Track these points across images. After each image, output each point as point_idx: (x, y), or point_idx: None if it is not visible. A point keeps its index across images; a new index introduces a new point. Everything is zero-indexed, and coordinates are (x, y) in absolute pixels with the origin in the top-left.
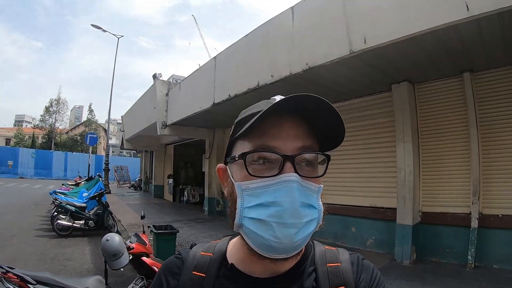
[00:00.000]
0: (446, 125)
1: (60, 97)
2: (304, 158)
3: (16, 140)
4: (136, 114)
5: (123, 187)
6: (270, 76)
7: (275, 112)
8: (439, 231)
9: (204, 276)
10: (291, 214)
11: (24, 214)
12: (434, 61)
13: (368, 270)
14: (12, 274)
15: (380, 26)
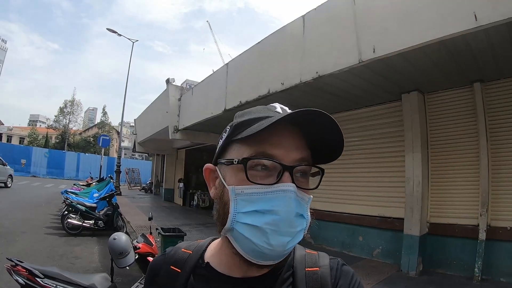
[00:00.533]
0: (455, 136)
1: (75, 99)
2: (301, 169)
3: (30, 139)
4: (148, 117)
5: (134, 189)
6: (281, 84)
7: (279, 121)
8: (446, 243)
9: (179, 271)
10: (287, 224)
11: (36, 211)
12: (444, 71)
13: (347, 276)
14: (21, 267)
15: (389, 36)
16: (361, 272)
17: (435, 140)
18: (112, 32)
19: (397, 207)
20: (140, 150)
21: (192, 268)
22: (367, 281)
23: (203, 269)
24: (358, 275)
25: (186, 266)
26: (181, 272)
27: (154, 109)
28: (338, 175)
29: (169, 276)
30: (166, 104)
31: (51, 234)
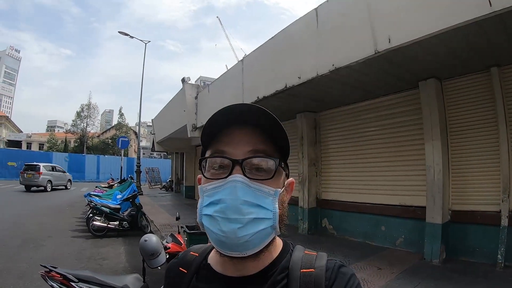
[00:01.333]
0: (474, 121)
1: (91, 102)
2: (255, 163)
3: (49, 144)
4: (166, 117)
5: (154, 188)
6: (298, 78)
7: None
8: (468, 230)
9: (186, 272)
10: (233, 210)
11: (60, 215)
12: (460, 57)
13: (343, 278)
14: (55, 272)
15: (404, 25)
16: (385, 262)
17: (454, 127)
18: (124, 34)
19: (418, 195)
20: (159, 149)
21: (196, 269)
22: (391, 271)
23: (204, 270)
24: (357, 277)
25: (191, 267)
26: (187, 273)
27: (171, 109)
28: (359, 165)
29: (177, 277)
30: (183, 103)
31: (77, 237)
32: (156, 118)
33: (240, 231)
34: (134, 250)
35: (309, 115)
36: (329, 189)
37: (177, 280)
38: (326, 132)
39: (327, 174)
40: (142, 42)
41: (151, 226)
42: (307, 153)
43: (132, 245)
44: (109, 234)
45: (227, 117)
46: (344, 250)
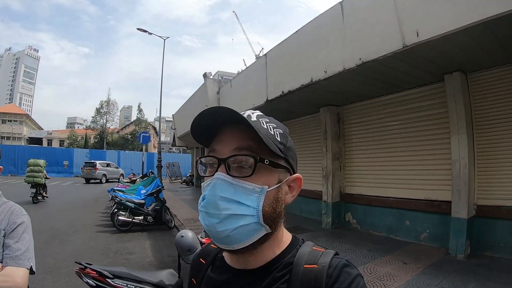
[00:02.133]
0: (501, 115)
1: (110, 99)
2: (237, 160)
3: (70, 141)
4: (187, 112)
5: (175, 182)
6: (324, 72)
7: (217, 124)
8: (494, 225)
9: (204, 263)
10: (211, 206)
11: (84, 210)
12: (487, 50)
13: (347, 278)
14: (90, 269)
15: (432, 19)
16: (409, 257)
17: (480, 120)
18: (142, 31)
19: (443, 190)
20: (180, 144)
21: (212, 260)
22: (416, 265)
23: (218, 261)
24: (363, 279)
25: (209, 258)
26: (205, 263)
27: (192, 104)
28: (383, 159)
29: (198, 267)
30: (205, 97)
31: (102, 232)
32: (177, 113)
33: (219, 226)
34: (159, 245)
35: (333, 109)
36: (353, 183)
37: (198, 269)
38: (350, 126)
39: (350, 168)
40: (161, 38)
41: (175, 220)
42: (330, 147)
43: (157, 239)
44: (133, 229)
45: (215, 118)
46: (368, 245)
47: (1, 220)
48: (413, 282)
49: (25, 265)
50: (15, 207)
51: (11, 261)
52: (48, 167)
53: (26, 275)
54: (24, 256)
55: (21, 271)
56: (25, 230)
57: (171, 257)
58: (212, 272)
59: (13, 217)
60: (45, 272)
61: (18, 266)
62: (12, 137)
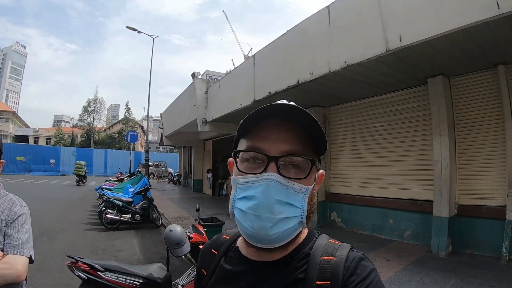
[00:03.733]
0: (481, 118)
1: (97, 97)
2: (291, 160)
3: (56, 139)
4: (175, 111)
5: (162, 182)
6: (310, 74)
7: (268, 117)
8: (474, 224)
9: (216, 253)
10: (266, 209)
11: (71, 209)
12: (468, 55)
13: (363, 271)
14: (82, 262)
15: (415, 25)
16: (393, 254)
17: (462, 123)
18: (132, 29)
19: (425, 189)
20: (167, 144)
21: (225, 251)
22: (399, 262)
23: (232, 252)
24: (377, 273)
25: (221, 249)
26: (217, 254)
27: (180, 103)
28: (368, 159)
29: (209, 257)
30: (193, 97)
31: (90, 229)
32: (165, 112)
33: (271, 229)
34: (147, 242)
35: (319, 110)
36: (338, 182)
37: (209, 260)
38: (336, 127)
39: (336, 168)
40: (150, 37)
41: (162, 219)
42: None
43: (145, 237)
44: (121, 227)
45: (267, 113)
46: (353, 243)
47: (2, 211)
48: (395, 278)
49: (25, 253)
50: (15, 199)
51: (12, 250)
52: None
53: (26, 263)
54: (24, 245)
55: (21, 259)
56: (26, 221)
57: (158, 254)
58: (226, 263)
59: (14, 208)
60: (35, 269)
61: (19, 255)
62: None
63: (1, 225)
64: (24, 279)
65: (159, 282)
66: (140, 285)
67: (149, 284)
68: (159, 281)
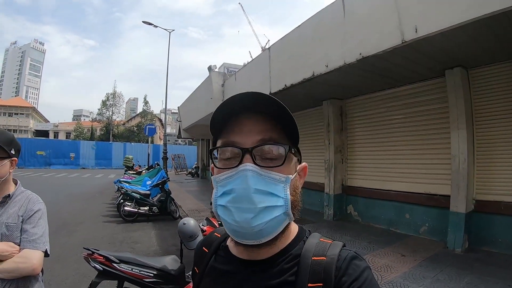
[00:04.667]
0: (501, 111)
1: (116, 91)
2: (264, 150)
3: (76, 133)
4: (192, 105)
5: (180, 174)
6: (325, 66)
7: (236, 112)
8: (492, 220)
9: (207, 251)
10: (245, 200)
11: (91, 201)
12: (486, 47)
13: (355, 270)
14: (98, 254)
15: (431, 16)
16: (408, 249)
17: (480, 116)
18: (148, 24)
19: (442, 184)
20: (185, 136)
21: (215, 249)
22: (414, 258)
23: (222, 251)
24: (371, 271)
25: (212, 247)
26: (208, 252)
27: (197, 96)
28: (384, 152)
29: (201, 256)
30: (209, 90)
31: (109, 222)
32: (182, 105)
33: (254, 220)
34: (164, 234)
35: (335, 102)
36: (355, 175)
37: (201, 258)
38: (352, 119)
39: (352, 161)
40: (166, 31)
41: (180, 211)
42: (333, 140)
43: (162, 229)
44: (139, 219)
45: (235, 106)
46: (369, 237)
47: (19, 208)
48: (409, 274)
49: (41, 248)
50: (32, 195)
51: (29, 244)
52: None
53: (41, 257)
54: (40, 240)
55: (37, 254)
56: (41, 217)
57: (175, 246)
58: (216, 261)
59: (30, 205)
60: (54, 261)
61: (35, 249)
62: (18, 130)
63: (18, 221)
64: (39, 272)
65: (172, 274)
66: (154, 277)
67: (162, 276)
68: (173, 272)
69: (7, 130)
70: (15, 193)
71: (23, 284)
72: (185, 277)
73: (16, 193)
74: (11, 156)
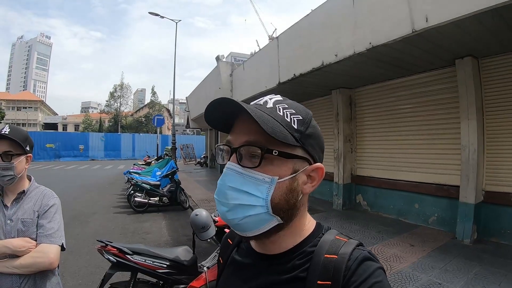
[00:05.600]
0: (511, 102)
1: (123, 82)
2: (248, 150)
3: (85, 125)
4: (201, 94)
5: (189, 164)
6: (334, 56)
7: (236, 113)
8: (501, 211)
9: (231, 243)
10: (221, 195)
11: (101, 193)
12: (497, 36)
13: (366, 271)
14: (111, 246)
15: (442, 5)
16: (417, 239)
17: (491, 106)
18: (154, 15)
19: (452, 174)
20: (193, 126)
21: (238, 242)
22: (423, 248)
23: (243, 244)
24: (384, 272)
25: (235, 240)
26: (231, 244)
27: (205, 86)
28: (394, 142)
29: (225, 247)
30: (218, 80)
31: (120, 213)
32: (190, 95)
33: (228, 214)
34: (174, 225)
35: (345, 92)
36: (364, 165)
37: (225, 250)
38: (362, 109)
39: (362, 151)
40: (173, 21)
41: (189, 201)
42: (342, 129)
43: (172, 219)
44: (149, 210)
45: (226, 109)
46: (378, 226)
47: (34, 203)
48: (418, 264)
49: (57, 242)
50: (46, 191)
51: (45, 239)
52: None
53: (58, 251)
54: (56, 234)
55: (54, 248)
56: (57, 211)
57: (186, 236)
58: (237, 253)
59: (45, 200)
60: (67, 252)
61: (51, 243)
62: (27, 124)
63: (34, 216)
64: (56, 266)
65: (185, 265)
66: (167, 267)
67: (175, 267)
68: (185, 263)
69: (17, 125)
70: (29, 189)
71: (40, 279)
72: (197, 267)
73: (30, 189)
74: (27, 153)
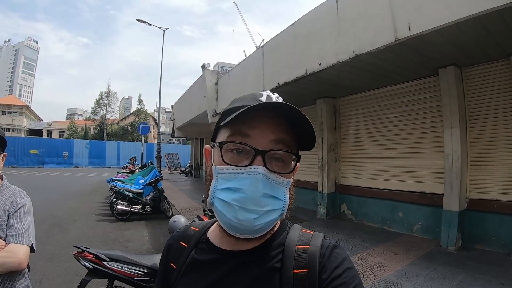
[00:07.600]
0: (494, 110)
1: (110, 90)
2: (280, 156)
3: (70, 132)
4: (186, 103)
5: (174, 173)
6: (318, 64)
7: (257, 108)
8: (485, 218)
9: (186, 246)
10: (252, 202)
11: (84, 200)
12: (480, 45)
13: (337, 258)
14: (88, 252)
15: (424, 13)
16: (401, 247)
17: (474, 114)
18: (142, 22)
19: (436, 182)
20: (179, 135)
21: (196, 242)
22: (407, 256)
23: (203, 243)
24: (351, 261)
25: (191, 241)
26: (187, 247)
27: (191, 95)
28: (378, 151)
29: (178, 250)
30: (203, 89)
31: (101, 220)
32: (176, 104)
33: (256, 220)
34: (157, 233)
35: (329, 101)
36: (348, 174)
37: (178, 253)
38: (346, 118)
39: (346, 160)
40: (160, 29)
41: (173, 210)
42: (326, 138)
43: (155, 228)
44: (132, 218)
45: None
46: (362, 235)
47: (5, 202)
48: (402, 272)
49: (27, 242)
50: (18, 190)
51: (14, 239)
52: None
53: (27, 252)
54: (26, 234)
55: (23, 248)
56: (27, 212)
57: None
58: (197, 254)
59: (16, 200)
60: (46, 259)
61: (21, 244)
62: (12, 129)
63: (4, 216)
64: (25, 267)
65: None
66: (144, 275)
67: (153, 274)
68: None
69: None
70: (1, 187)
71: (9, 280)
72: None
73: (1, 188)
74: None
